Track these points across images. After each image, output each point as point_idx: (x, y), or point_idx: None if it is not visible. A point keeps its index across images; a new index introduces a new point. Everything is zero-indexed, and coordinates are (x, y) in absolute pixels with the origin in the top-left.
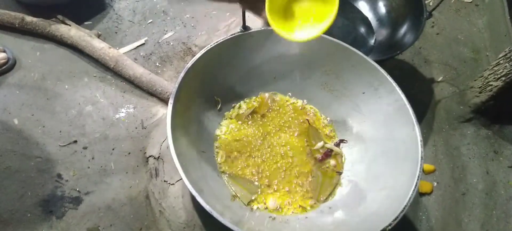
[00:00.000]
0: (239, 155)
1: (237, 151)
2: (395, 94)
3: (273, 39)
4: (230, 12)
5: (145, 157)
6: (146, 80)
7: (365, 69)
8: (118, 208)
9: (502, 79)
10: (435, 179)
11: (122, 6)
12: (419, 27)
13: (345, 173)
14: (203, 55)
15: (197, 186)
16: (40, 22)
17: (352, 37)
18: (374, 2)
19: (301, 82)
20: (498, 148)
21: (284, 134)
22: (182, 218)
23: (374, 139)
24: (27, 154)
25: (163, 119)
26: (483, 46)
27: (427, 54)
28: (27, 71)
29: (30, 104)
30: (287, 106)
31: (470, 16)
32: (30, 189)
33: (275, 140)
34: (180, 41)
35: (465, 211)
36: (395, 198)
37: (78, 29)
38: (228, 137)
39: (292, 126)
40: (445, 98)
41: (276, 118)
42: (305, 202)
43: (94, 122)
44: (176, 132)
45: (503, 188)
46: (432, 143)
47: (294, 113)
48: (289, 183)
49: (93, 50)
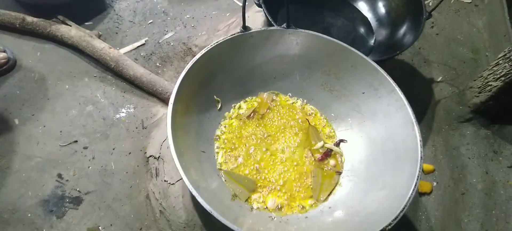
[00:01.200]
0: (239, 155)
1: (237, 151)
2: (394, 95)
3: (273, 39)
4: (230, 13)
5: (146, 157)
6: (146, 81)
7: (365, 70)
8: (118, 208)
9: (501, 79)
10: (434, 179)
11: (122, 6)
12: (419, 27)
13: (345, 173)
14: (203, 56)
15: (197, 186)
16: (41, 22)
17: (352, 38)
18: (373, 3)
19: (301, 83)
20: (497, 147)
21: (283, 133)
22: (182, 218)
23: (373, 139)
24: (27, 154)
25: (163, 118)
26: (483, 46)
27: (427, 55)
28: (27, 71)
29: (31, 104)
30: (287, 106)
31: (470, 17)
32: (31, 189)
33: (275, 139)
34: (181, 41)
35: (465, 211)
36: (394, 198)
37: (78, 29)
38: (228, 137)
39: (291, 126)
40: (445, 98)
41: (275, 118)
42: (305, 202)
43: (94, 121)
44: (176, 132)
45: (503, 188)
46: (431, 143)
47: (293, 113)
48: (288, 182)
49: (93, 51)
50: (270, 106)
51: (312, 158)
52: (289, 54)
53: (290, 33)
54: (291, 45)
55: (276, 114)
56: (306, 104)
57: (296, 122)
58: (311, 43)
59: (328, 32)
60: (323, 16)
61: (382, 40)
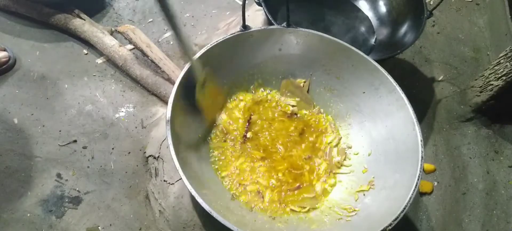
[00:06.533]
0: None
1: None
2: (395, 94)
3: (273, 38)
4: (230, 11)
5: (145, 157)
6: (151, 82)
7: (366, 69)
8: (117, 207)
9: (503, 78)
10: (435, 178)
11: (122, 5)
12: (420, 26)
13: (345, 173)
14: (203, 55)
15: (197, 186)
16: (57, 14)
17: (353, 37)
18: (374, 1)
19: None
20: (498, 147)
21: (274, 126)
22: (182, 218)
23: (374, 138)
24: (26, 154)
25: (163, 118)
26: (484, 45)
27: (428, 54)
28: (26, 71)
29: (30, 103)
30: (277, 102)
31: (471, 15)
32: (30, 189)
33: (264, 132)
34: None
35: (466, 210)
36: (395, 198)
37: (91, 24)
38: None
39: (280, 120)
40: (446, 97)
41: (266, 114)
42: (303, 197)
43: (94, 121)
44: (175, 131)
45: (504, 188)
46: (432, 143)
47: (279, 108)
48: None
49: (103, 47)
50: (262, 104)
51: (305, 151)
52: (289, 54)
53: (290, 32)
54: (291, 44)
55: (266, 110)
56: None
57: (284, 116)
58: (311, 42)
59: (328, 31)
60: (324, 15)
61: (383, 39)
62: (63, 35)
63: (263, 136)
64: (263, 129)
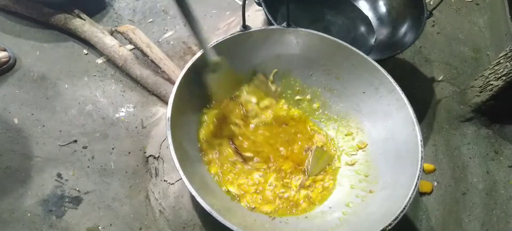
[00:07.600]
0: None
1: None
2: (395, 94)
3: (273, 38)
4: (230, 12)
5: (145, 157)
6: (152, 82)
7: (365, 69)
8: (117, 207)
9: (502, 78)
10: (435, 178)
11: (122, 5)
12: (420, 26)
13: (344, 173)
14: (203, 55)
15: (197, 185)
16: (57, 14)
17: (352, 37)
18: (374, 1)
19: (301, 82)
20: (498, 147)
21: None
22: (182, 217)
23: (374, 138)
24: (27, 154)
25: (163, 118)
26: (484, 45)
27: (428, 54)
28: (26, 71)
29: (30, 103)
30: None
31: (471, 15)
32: (30, 189)
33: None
34: (180, 40)
35: (466, 210)
36: (395, 197)
37: (91, 24)
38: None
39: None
40: (446, 97)
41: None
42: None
43: (94, 121)
44: (176, 131)
45: (504, 188)
46: (432, 142)
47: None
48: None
49: (104, 47)
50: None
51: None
52: (289, 54)
53: (290, 32)
54: (291, 44)
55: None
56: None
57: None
58: (311, 42)
59: (328, 31)
60: (324, 15)
61: (383, 39)
62: (63, 35)
63: (260, 149)
64: (256, 144)
